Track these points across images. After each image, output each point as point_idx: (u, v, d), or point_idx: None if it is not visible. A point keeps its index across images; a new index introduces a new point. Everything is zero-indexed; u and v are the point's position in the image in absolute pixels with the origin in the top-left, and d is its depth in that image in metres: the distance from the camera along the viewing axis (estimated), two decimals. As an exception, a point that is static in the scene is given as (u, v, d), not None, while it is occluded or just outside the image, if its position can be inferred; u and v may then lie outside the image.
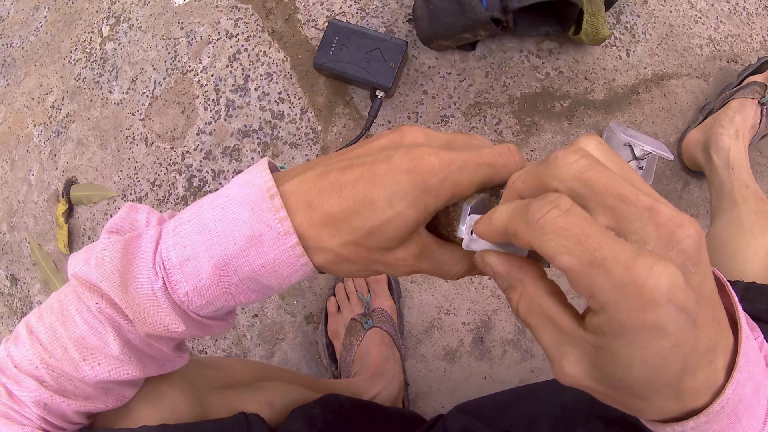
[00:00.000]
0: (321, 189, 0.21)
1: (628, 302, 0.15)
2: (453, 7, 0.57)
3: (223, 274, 0.22)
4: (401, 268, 0.22)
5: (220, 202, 0.22)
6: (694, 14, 0.70)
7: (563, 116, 0.65)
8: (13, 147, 0.80)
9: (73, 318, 0.24)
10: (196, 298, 0.23)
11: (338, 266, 0.22)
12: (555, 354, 0.18)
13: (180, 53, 0.69)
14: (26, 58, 0.81)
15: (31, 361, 0.24)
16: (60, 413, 0.25)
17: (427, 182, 0.20)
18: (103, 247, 0.23)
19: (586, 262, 0.15)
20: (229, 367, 0.38)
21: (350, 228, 0.21)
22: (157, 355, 0.26)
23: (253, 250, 0.21)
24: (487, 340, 0.63)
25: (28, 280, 0.79)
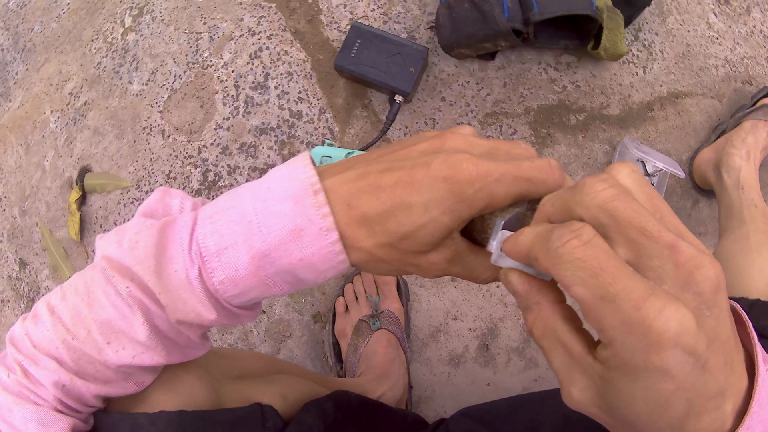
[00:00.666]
0: (360, 189, 0.21)
1: (634, 342, 0.15)
2: (475, 16, 0.58)
3: (261, 266, 0.22)
4: (432, 271, 0.23)
5: (261, 193, 0.22)
6: (711, 35, 0.70)
7: (578, 130, 0.66)
8: (29, 132, 0.80)
9: (99, 300, 0.23)
10: (231, 287, 0.23)
11: (371, 265, 0.23)
12: (564, 378, 0.18)
13: (201, 48, 0.70)
14: (47, 44, 0.81)
15: (51, 341, 0.24)
16: (78, 395, 0.24)
17: (463, 191, 0.20)
18: (137, 231, 0.23)
19: (599, 295, 0.15)
20: (242, 359, 0.39)
21: (385, 230, 0.21)
22: (183, 343, 0.26)
23: (294, 243, 0.21)
24: (492, 347, 0.64)
25: (37, 266, 0.79)
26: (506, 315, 0.64)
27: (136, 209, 0.72)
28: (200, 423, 0.27)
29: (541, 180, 0.21)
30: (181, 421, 0.26)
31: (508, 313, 0.64)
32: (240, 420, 0.29)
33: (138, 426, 0.25)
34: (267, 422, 0.30)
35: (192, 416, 0.26)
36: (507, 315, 0.64)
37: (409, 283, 0.64)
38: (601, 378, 0.17)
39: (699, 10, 0.71)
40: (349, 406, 0.39)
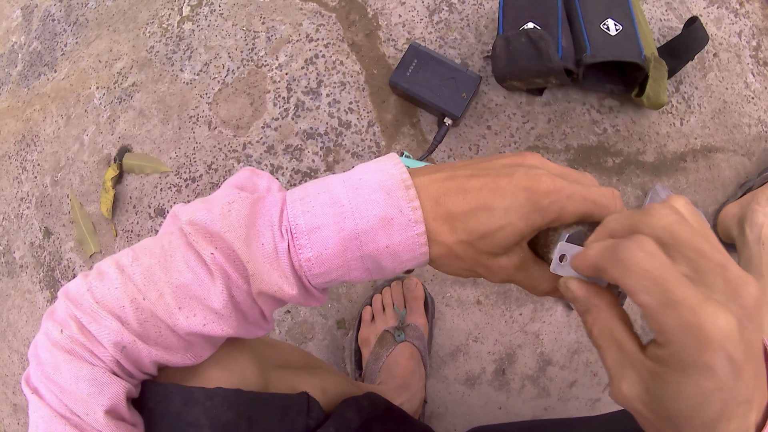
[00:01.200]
0: (448, 189, 0.23)
1: (689, 341, 0.17)
2: (531, 51, 0.60)
3: (348, 248, 0.23)
4: (500, 274, 0.24)
5: (352, 182, 0.24)
6: (748, 94, 0.73)
7: (613, 172, 0.68)
8: (71, 104, 0.81)
9: (176, 265, 0.23)
10: (316, 265, 0.23)
11: (447, 260, 0.24)
12: (616, 374, 0.20)
13: (258, 46, 0.71)
14: (99, 20, 0.82)
15: (117, 299, 0.23)
16: (136, 359, 0.24)
17: (539, 201, 0.22)
18: (231, 200, 0.24)
19: (661, 302, 0.17)
20: (285, 349, 0.39)
21: (466, 228, 0.23)
22: (252, 318, 0.25)
23: (383, 230, 0.23)
24: (508, 372, 0.65)
25: (62, 236, 0.80)
26: (525, 343, 0.66)
27: (173, 195, 0.73)
28: (255, 403, 0.27)
29: (605, 205, 0.23)
30: (237, 399, 0.26)
31: (527, 341, 0.66)
32: (290, 406, 0.29)
33: (193, 399, 0.25)
34: (311, 412, 0.30)
35: (248, 396, 0.27)
36: (526, 343, 0.66)
37: (435, 301, 0.66)
38: (651, 374, 0.19)
39: (738, 69, 0.74)
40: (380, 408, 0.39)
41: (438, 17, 0.70)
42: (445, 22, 0.70)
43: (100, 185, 0.77)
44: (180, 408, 0.25)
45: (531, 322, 0.65)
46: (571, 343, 0.66)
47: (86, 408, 0.22)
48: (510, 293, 0.66)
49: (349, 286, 0.67)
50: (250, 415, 0.26)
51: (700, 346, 0.17)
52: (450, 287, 0.66)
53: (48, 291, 0.81)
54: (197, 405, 0.25)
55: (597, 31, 0.63)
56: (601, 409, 0.66)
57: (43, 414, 0.22)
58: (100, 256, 0.76)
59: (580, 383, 0.66)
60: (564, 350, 0.66)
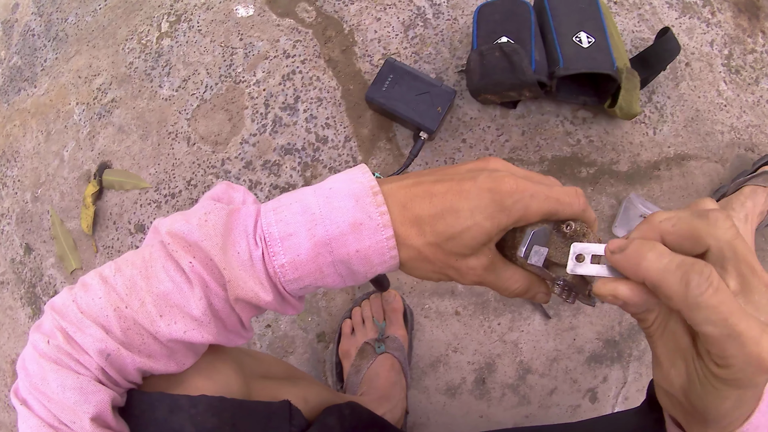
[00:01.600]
0: (414, 194, 0.24)
1: (750, 369, 0.19)
2: (505, 65, 0.61)
3: (320, 253, 0.24)
4: (469, 276, 0.25)
5: (323, 192, 0.25)
6: (720, 102, 0.75)
7: (588, 182, 0.69)
8: (51, 120, 0.81)
9: (157, 274, 0.24)
10: (290, 271, 0.24)
11: (417, 263, 0.25)
12: (666, 361, 0.22)
13: (236, 63, 0.72)
14: (79, 36, 0.83)
15: (102, 308, 0.24)
16: (121, 366, 0.24)
17: (503, 201, 0.23)
18: (207, 211, 0.25)
19: (726, 334, 0.19)
20: (267, 361, 0.40)
21: (434, 230, 0.24)
22: (231, 326, 0.26)
23: (353, 235, 0.24)
24: (488, 381, 0.66)
25: (43, 253, 0.80)
26: (504, 352, 0.66)
27: (152, 211, 0.74)
28: (238, 410, 0.27)
29: (568, 203, 0.24)
30: (222, 406, 0.26)
31: (506, 351, 0.66)
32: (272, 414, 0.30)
33: (178, 407, 0.25)
34: (294, 420, 0.31)
35: (231, 403, 0.27)
36: (505, 352, 0.66)
37: (414, 313, 0.66)
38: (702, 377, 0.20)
39: (710, 78, 0.75)
40: (362, 417, 0.40)
41: (413, 32, 0.71)
42: (420, 38, 0.70)
43: (81, 201, 0.77)
44: (165, 415, 0.25)
45: (509, 331, 0.66)
46: (549, 351, 0.67)
47: (73, 416, 0.22)
48: (488, 303, 0.67)
49: (328, 300, 0.68)
50: (233, 422, 0.27)
51: (758, 372, 0.19)
52: (428, 299, 0.67)
53: (29, 307, 0.81)
54: (182, 412, 0.25)
55: (570, 43, 0.64)
56: (582, 415, 0.67)
57: (31, 424, 0.23)
58: (81, 272, 0.76)
59: (560, 390, 0.67)
60: (543, 358, 0.67)
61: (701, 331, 0.19)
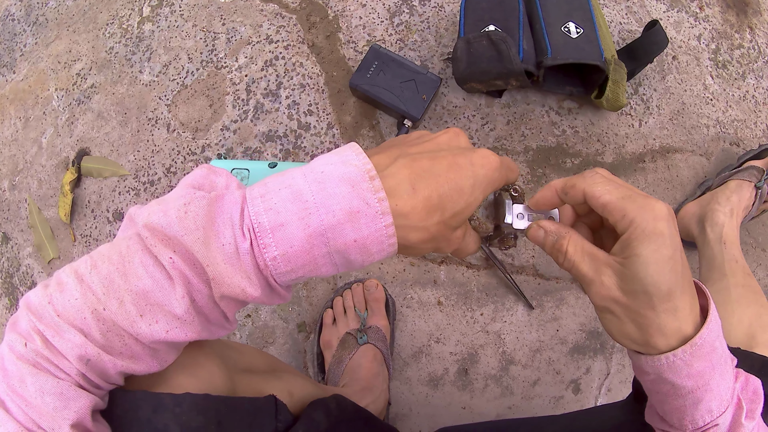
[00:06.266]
0: (418, 174, 0.24)
1: (647, 215, 0.24)
2: (492, 54, 0.60)
3: (315, 244, 0.23)
4: (454, 243, 0.27)
5: (315, 176, 0.23)
6: (706, 96, 0.75)
7: (572, 173, 0.69)
8: (29, 106, 0.79)
9: (135, 271, 0.22)
10: (282, 264, 0.23)
11: (424, 244, 0.25)
12: (594, 276, 0.26)
13: (218, 48, 0.70)
14: (59, 21, 0.81)
15: (79, 310, 0.22)
16: (102, 371, 0.23)
17: (492, 175, 0.26)
18: (187, 201, 0.23)
19: (621, 197, 0.25)
20: (250, 353, 0.39)
21: (444, 210, 0.24)
22: (215, 320, 0.25)
23: (350, 225, 0.22)
24: (471, 372, 0.66)
25: (20, 242, 0.78)
26: (487, 343, 0.66)
27: (131, 198, 0.72)
28: (223, 408, 0.27)
29: (515, 168, 0.29)
30: (206, 404, 0.26)
31: (489, 341, 0.66)
32: (258, 409, 0.29)
33: (162, 406, 0.25)
34: (280, 415, 0.31)
35: (216, 400, 0.26)
36: (488, 343, 0.66)
37: (396, 303, 0.66)
38: (622, 262, 0.25)
39: (697, 72, 0.75)
40: (347, 410, 0.40)
41: (399, 20, 0.70)
42: (406, 25, 0.70)
43: (59, 189, 0.75)
44: (149, 415, 0.24)
45: (492, 321, 0.66)
46: (532, 342, 0.67)
47: (52, 423, 0.22)
48: (471, 293, 0.66)
49: (309, 289, 0.67)
50: (219, 420, 0.26)
51: (654, 218, 0.24)
52: (411, 288, 0.66)
53: (6, 298, 0.79)
54: (166, 411, 0.24)
55: (558, 33, 0.63)
56: (565, 407, 0.67)
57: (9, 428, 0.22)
58: (58, 261, 0.74)
59: (543, 381, 0.67)
60: (526, 349, 0.66)
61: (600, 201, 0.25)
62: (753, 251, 0.73)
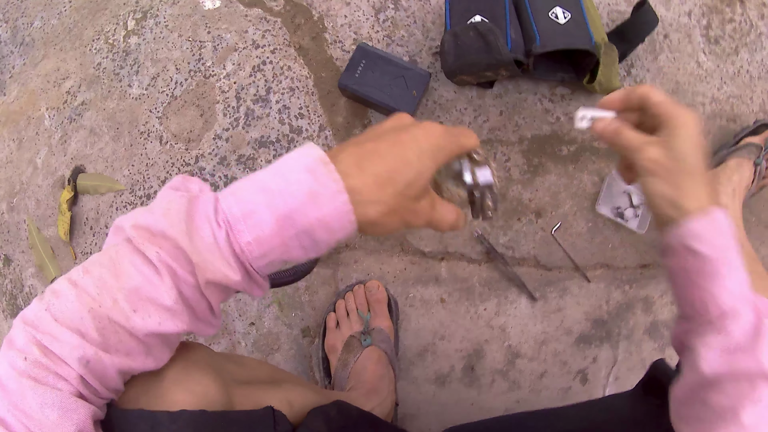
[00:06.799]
0: (363, 156, 0.26)
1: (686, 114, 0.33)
2: (479, 45, 0.59)
3: (284, 226, 0.25)
4: (423, 216, 0.28)
5: (276, 170, 0.26)
6: (700, 73, 0.73)
7: (569, 160, 0.68)
8: (22, 127, 0.79)
9: (126, 270, 0.24)
10: (256, 248, 0.25)
11: (387, 218, 0.26)
12: (642, 147, 0.34)
13: (204, 57, 0.70)
14: (46, 40, 0.81)
15: (76, 311, 0.24)
16: (101, 372, 0.24)
17: (438, 142, 0.27)
18: (169, 200, 0.26)
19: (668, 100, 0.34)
20: (249, 365, 0.39)
21: (394, 182, 0.26)
22: (201, 314, 0.27)
23: (312, 205, 0.25)
24: (477, 368, 0.65)
25: (22, 263, 0.78)
26: (492, 337, 0.65)
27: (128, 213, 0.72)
28: (219, 423, 0.27)
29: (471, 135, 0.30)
30: (202, 420, 0.26)
31: (494, 336, 0.66)
32: (255, 422, 0.30)
33: (159, 424, 0.25)
34: (278, 426, 0.31)
35: (212, 416, 0.27)
36: (493, 337, 0.65)
37: (399, 302, 0.65)
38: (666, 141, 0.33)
39: (690, 49, 0.74)
40: (350, 415, 0.40)
41: (384, 15, 0.69)
42: (392, 21, 0.69)
43: (57, 208, 0.75)
44: None
45: (496, 316, 0.65)
46: (537, 334, 0.66)
47: None
48: (473, 289, 0.66)
49: (311, 294, 0.66)
50: None
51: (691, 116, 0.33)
52: (412, 287, 0.66)
53: (12, 319, 0.79)
54: (162, 429, 0.25)
55: (546, 20, 0.62)
56: (573, 398, 0.66)
57: None
58: (60, 280, 0.74)
59: (550, 373, 0.66)
60: (531, 342, 0.66)
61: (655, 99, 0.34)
62: (756, 228, 0.72)
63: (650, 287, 0.69)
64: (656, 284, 0.69)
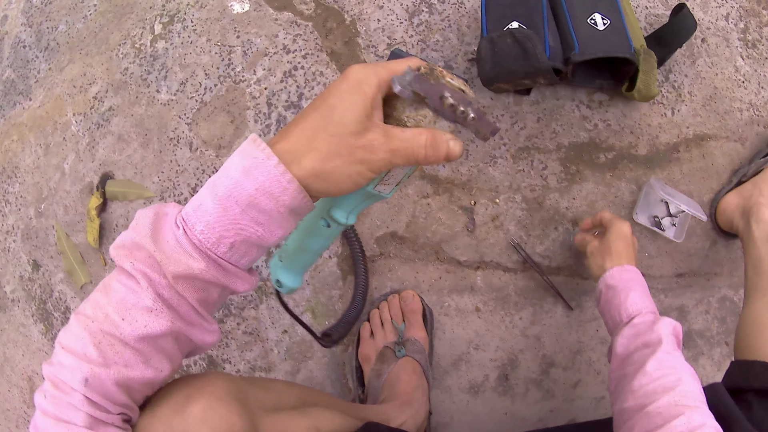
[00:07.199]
0: (290, 123, 0.28)
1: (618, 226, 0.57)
2: (517, 52, 0.58)
3: (227, 206, 0.27)
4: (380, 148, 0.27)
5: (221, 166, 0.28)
6: (738, 78, 0.72)
7: (606, 168, 0.67)
8: (49, 133, 0.79)
9: (112, 287, 0.28)
10: (209, 234, 0.27)
11: (328, 164, 0.26)
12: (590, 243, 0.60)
13: (234, 62, 0.69)
14: (71, 44, 0.80)
15: (76, 333, 0.27)
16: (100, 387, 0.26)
17: (358, 77, 0.27)
18: (138, 216, 0.29)
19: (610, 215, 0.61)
20: (277, 390, 0.39)
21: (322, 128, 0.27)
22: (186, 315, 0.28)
23: (247, 179, 0.26)
24: (511, 378, 0.65)
25: (51, 268, 0.78)
26: (526, 347, 0.65)
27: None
28: None
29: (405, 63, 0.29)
30: None
31: (529, 345, 0.65)
32: None
33: None
34: None
35: None
36: (527, 347, 0.65)
37: (434, 311, 0.65)
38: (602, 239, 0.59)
39: (727, 53, 0.72)
40: None
41: (418, 19, 0.68)
42: (426, 24, 0.68)
43: (85, 214, 0.75)
44: None
45: (531, 325, 0.65)
46: (572, 343, 0.66)
47: None
48: (508, 298, 0.65)
49: (345, 302, 0.66)
50: None
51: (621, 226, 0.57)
52: (447, 296, 0.65)
53: (42, 324, 0.80)
54: None
55: (584, 26, 0.61)
56: (606, 407, 0.66)
57: None
58: (90, 286, 0.75)
59: (584, 382, 0.66)
60: (566, 351, 0.65)
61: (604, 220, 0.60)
62: (796, 237, 0.70)
63: (685, 296, 0.68)
64: (691, 293, 0.69)
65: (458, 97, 0.28)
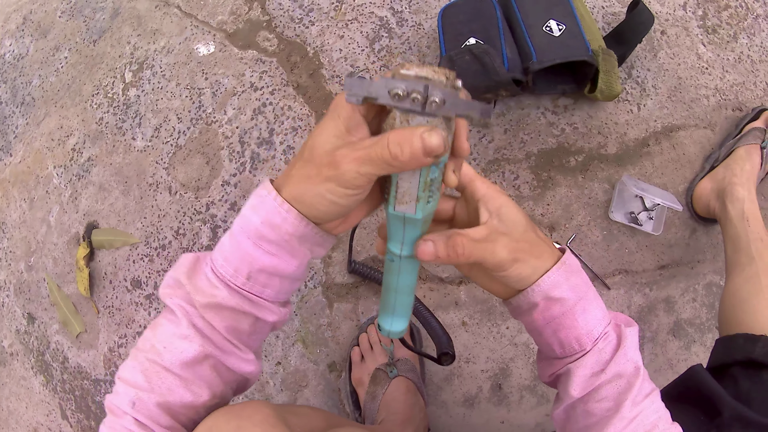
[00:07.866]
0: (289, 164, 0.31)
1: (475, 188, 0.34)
2: (476, 68, 0.59)
3: (240, 240, 0.30)
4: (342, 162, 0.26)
5: None
6: (701, 65, 0.73)
7: (578, 171, 0.68)
8: (32, 187, 0.80)
9: (159, 323, 0.32)
10: (227, 266, 0.30)
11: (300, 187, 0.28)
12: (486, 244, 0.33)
13: (205, 103, 0.71)
14: (46, 98, 0.81)
15: (128, 365, 0.31)
16: (145, 409, 0.30)
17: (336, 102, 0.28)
18: (182, 257, 0.33)
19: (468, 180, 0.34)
20: (306, 415, 0.40)
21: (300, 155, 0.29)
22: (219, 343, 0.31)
23: (254, 214, 0.30)
24: (504, 387, 0.66)
25: (46, 320, 0.79)
26: (517, 355, 0.66)
27: (146, 265, 0.73)
28: None
29: None
30: None
31: (519, 353, 0.66)
32: None
33: None
34: None
35: None
36: (517, 355, 0.66)
37: (421, 330, 0.66)
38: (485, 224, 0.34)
39: (688, 42, 0.73)
40: None
41: (379, 45, 0.69)
42: (387, 49, 0.69)
43: (74, 265, 0.76)
44: None
45: (519, 333, 0.66)
46: (563, 347, 0.66)
47: None
48: (494, 309, 0.66)
49: (333, 329, 0.67)
50: None
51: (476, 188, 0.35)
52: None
53: (42, 375, 0.81)
54: None
55: (540, 34, 0.62)
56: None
57: None
58: (86, 335, 0.76)
59: (578, 384, 0.66)
60: (557, 355, 0.66)
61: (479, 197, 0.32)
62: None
63: (671, 287, 0.69)
64: (676, 283, 0.69)
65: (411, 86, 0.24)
